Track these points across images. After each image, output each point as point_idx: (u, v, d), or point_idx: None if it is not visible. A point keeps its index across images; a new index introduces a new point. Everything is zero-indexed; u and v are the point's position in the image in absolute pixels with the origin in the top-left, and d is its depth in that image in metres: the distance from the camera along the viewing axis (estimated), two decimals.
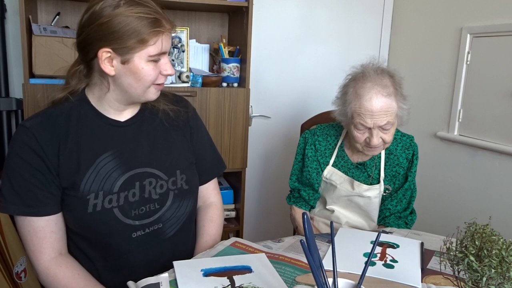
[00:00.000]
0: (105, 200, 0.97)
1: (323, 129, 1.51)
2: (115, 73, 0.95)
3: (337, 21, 2.39)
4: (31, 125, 0.96)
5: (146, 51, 0.93)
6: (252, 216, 2.46)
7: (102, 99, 1.01)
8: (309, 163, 1.47)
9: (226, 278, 0.90)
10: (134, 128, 1.05)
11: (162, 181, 1.05)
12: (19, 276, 1.62)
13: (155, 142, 1.07)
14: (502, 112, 1.80)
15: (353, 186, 1.42)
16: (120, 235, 1.00)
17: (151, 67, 0.95)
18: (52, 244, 0.98)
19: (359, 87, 1.27)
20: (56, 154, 0.96)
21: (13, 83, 1.94)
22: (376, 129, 1.28)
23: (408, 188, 1.43)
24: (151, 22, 0.92)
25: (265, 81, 2.32)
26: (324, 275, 0.71)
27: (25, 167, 0.94)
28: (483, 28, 1.89)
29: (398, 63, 2.44)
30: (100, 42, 0.91)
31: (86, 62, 0.99)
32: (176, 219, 1.08)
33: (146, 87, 0.97)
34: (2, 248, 1.56)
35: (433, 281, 0.96)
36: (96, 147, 0.99)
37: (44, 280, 0.98)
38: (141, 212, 1.02)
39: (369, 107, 1.24)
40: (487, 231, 0.76)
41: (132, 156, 1.03)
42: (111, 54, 0.92)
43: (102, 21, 0.90)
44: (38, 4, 1.90)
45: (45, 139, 0.95)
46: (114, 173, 0.99)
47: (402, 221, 1.43)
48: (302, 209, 1.52)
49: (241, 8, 1.90)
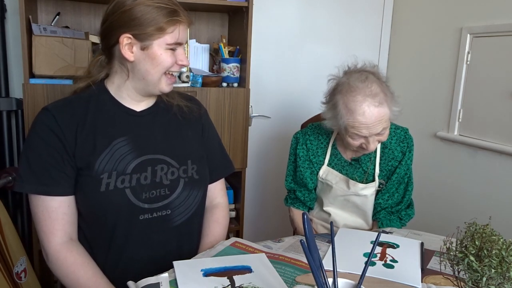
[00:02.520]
0: (118, 180, 1.01)
1: (314, 129, 1.50)
2: (134, 59, 1.00)
3: (337, 21, 2.39)
4: (52, 107, 1.02)
5: (164, 39, 0.99)
6: (252, 216, 2.46)
7: (121, 87, 1.07)
8: (301, 163, 1.47)
9: (226, 278, 0.90)
10: (148, 118, 1.10)
11: (173, 168, 1.09)
12: (19, 276, 1.62)
13: (168, 133, 1.12)
14: (502, 112, 1.80)
15: (348, 186, 1.41)
16: (128, 216, 1.03)
17: (168, 54, 1.01)
18: (64, 226, 1.00)
19: (350, 101, 1.23)
20: (74, 136, 1.00)
21: (13, 83, 1.94)
22: (372, 137, 1.27)
23: (401, 181, 1.41)
24: (169, 12, 0.99)
25: (265, 81, 2.32)
26: (324, 275, 0.71)
27: (43, 146, 0.99)
28: (483, 28, 1.89)
29: (398, 63, 2.45)
30: (122, 28, 0.98)
31: (107, 50, 1.05)
32: (185, 208, 1.10)
33: (161, 73, 1.03)
34: (2, 248, 1.56)
35: (433, 281, 0.96)
36: (112, 131, 1.04)
37: (53, 263, 1.00)
38: (152, 196, 1.05)
39: (364, 120, 1.22)
40: (487, 231, 0.76)
41: (146, 143, 1.07)
42: (132, 40, 0.99)
43: (125, 9, 0.98)
44: (38, 4, 1.90)
45: (64, 121, 1.00)
46: (128, 156, 1.04)
47: (395, 216, 1.42)
48: (300, 210, 1.52)
49: (241, 8, 1.90)
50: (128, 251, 1.05)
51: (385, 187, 1.41)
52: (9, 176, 1.79)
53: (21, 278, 1.64)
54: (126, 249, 1.05)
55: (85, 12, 1.99)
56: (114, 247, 1.05)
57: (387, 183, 1.41)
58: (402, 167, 1.40)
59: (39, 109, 1.66)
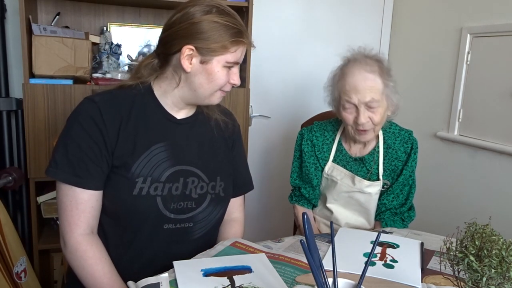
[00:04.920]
0: (151, 187, 1.01)
1: (320, 125, 1.52)
2: (191, 70, 1.01)
3: (337, 21, 2.39)
4: (99, 100, 1.01)
5: (225, 57, 1.01)
6: (252, 216, 2.45)
7: (167, 93, 1.07)
8: (306, 158, 1.48)
9: (226, 278, 0.90)
10: (186, 127, 1.11)
11: (203, 183, 1.09)
12: (19, 276, 1.63)
13: (203, 146, 1.13)
14: (502, 112, 1.80)
15: (354, 182, 1.42)
16: (153, 223, 1.04)
17: (224, 73, 1.03)
18: (88, 220, 1.00)
19: (345, 68, 1.35)
20: (116, 132, 1.00)
21: (13, 83, 1.94)
22: (362, 107, 1.30)
23: (405, 183, 1.42)
24: (236, 32, 1.01)
25: (265, 81, 2.32)
26: (324, 275, 0.71)
27: (84, 137, 0.98)
28: (483, 28, 1.89)
29: (398, 63, 2.45)
30: (187, 39, 0.99)
31: (164, 56, 1.04)
32: (206, 223, 1.11)
33: (213, 90, 1.04)
34: (2, 248, 1.56)
35: (433, 281, 0.96)
36: (152, 135, 1.05)
37: (72, 254, 0.99)
38: (179, 207, 1.05)
39: (353, 82, 1.29)
40: (487, 231, 0.76)
41: (181, 152, 1.08)
42: (193, 52, 0.99)
43: (194, 21, 0.98)
44: (38, 4, 1.90)
45: (109, 116, 1.00)
46: (164, 164, 1.04)
47: (398, 218, 1.43)
48: (304, 207, 1.52)
49: (241, 8, 1.90)
50: (144, 256, 1.06)
51: (390, 188, 1.42)
52: (9, 176, 1.79)
53: (21, 278, 1.64)
54: (143, 254, 1.06)
55: (85, 12, 1.99)
56: (132, 250, 1.05)
57: (392, 184, 1.42)
58: (408, 168, 1.41)
59: (39, 109, 1.68)
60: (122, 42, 1.97)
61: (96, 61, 1.89)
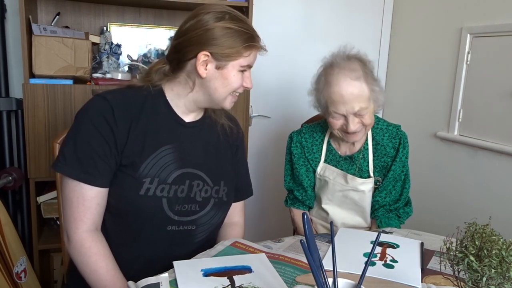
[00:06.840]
0: (158, 188, 1.02)
1: (309, 127, 1.53)
2: (206, 76, 1.03)
3: (337, 21, 2.39)
4: (111, 98, 1.01)
5: (239, 62, 1.04)
6: (252, 216, 2.45)
7: (181, 97, 1.08)
8: (296, 160, 1.49)
9: (226, 278, 0.90)
10: (194, 131, 1.12)
11: (207, 186, 1.10)
12: (19, 276, 1.63)
13: (208, 150, 1.14)
14: (502, 112, 1.80)
15: (346, 180, 1.41)
16: (158, 224, 1.04)
17: (239, 77, 1.06)
18: (94, 216, 1.01)
19: (329, 75, 1.30)
20: (127, 132, 1.01)
21: (13, 83, 1.94)
22: (351, 116, 1.29)
23: (398, 178, 1.41)
24: (248, 38, 1.04)
25: (265, 81, 2.32)
26: (324, 275, 0.71)
27: (95, 135, 0.98)
28: (483, 28, 1.89)
29: (398, 63, 2.45)
30: (202, 45, 1.00)
31: (177, 62, 1.05)
32: (208, 226, 1.12)
33: (228, 93, 1.07)
34: (2, 248, 1.56)
35: (433, 281, 0.96)
36: (161, 137, 1.06)
37: (76, 249, 0.99)
38: (183, 209, 1.06)
39: (339, 91, 1.26)
40: (487, 231, 0.76)
41: (188, 155, 1.09)
42: (208, 58, 1.01)
43: (208, 27, 1.00)
44: (38, 4, 1.90)
45: (121, 115, 1.00)
46: (171, 165, 1.05)
47: (394, 214, 1.42)
48: (300, 209, 1.52)
49: (241, 8, 1.90)
50: (145, 256, 1.06)
51: (381, 185, 1.42)
52: (9, 176, 1.79)
53: (21, 278, 1.64)
54: (144, 254, 1.06)
55: (85, 12, 1.99)
56: (133, 249, 1.06)
57: (383, 181, 1.42)
58: (397, 164, 1.40)
59: (39, 109, 1.68)
60: (122, 42, 1.97)
61: (96, 61, 1.89)
